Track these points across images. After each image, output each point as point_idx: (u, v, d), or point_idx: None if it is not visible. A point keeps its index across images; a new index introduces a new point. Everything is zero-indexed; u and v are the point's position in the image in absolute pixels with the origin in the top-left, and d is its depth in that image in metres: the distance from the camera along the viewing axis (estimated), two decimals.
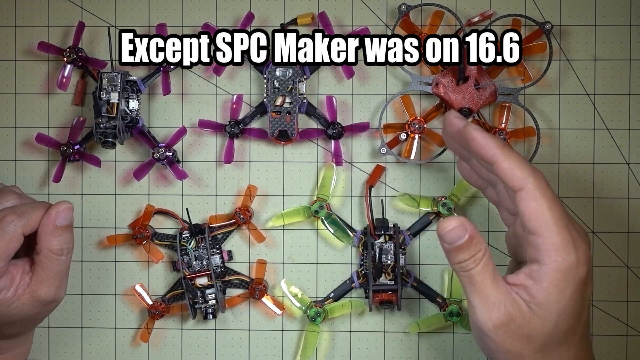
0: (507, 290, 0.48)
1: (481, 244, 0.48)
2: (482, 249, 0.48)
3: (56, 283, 0.54)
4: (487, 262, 0.48)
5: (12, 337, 0.57)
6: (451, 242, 0.48)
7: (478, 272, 0.48)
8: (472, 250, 0.48)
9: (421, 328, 0.62)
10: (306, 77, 0.61)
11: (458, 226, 0.48)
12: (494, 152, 0.48)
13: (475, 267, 0.48)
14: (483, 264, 0.48)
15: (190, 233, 0.62)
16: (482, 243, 0.48)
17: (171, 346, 0.64)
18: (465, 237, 0.48)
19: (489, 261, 0.48)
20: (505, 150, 0.48)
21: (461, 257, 0.48)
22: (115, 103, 0.59)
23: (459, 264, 0.49)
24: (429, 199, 0.62)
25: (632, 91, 0.62)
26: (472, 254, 0.48)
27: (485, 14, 0.62)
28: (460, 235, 0.48)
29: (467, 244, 0.48)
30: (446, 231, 0.48)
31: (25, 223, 0.53)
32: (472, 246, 0.48)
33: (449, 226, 0.48)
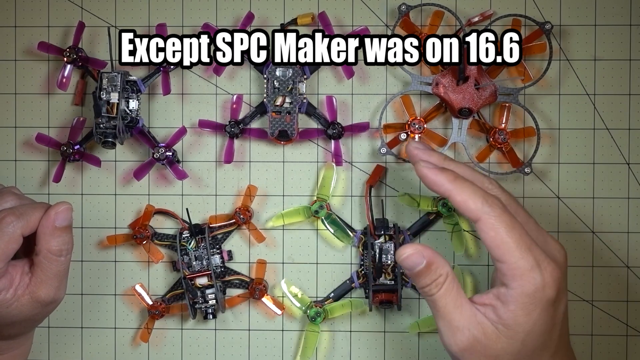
0: (472, 313, 0.49)
1: (442, 269, 0.49)
2: (444, 274, 0.49)
3: (55, 284, 0.54)
4: (449, 286, 0.49)
5: (12, 337, 0.57)
6: (410, 269, 0.49)
7: (440, 296, 0.49)
8: (432, 276, 0.49)
9: (421, 328, 0.62)
10: (306, 77, 0.61)
11: (414, 253, 0.49)
12: (446, 187, 0.49)
13: (437, 292, 0.49)
14: (445, 289, 0.49)
15: (190, 233, 0.62)
16: (443, 267, 0.49)
17: (171, 346, 0.64)
18: (423, 264, 0.49)
19: (452, 285, 0.49)
20: (457, 184, 0.49)
21: (423, 282, 0.49)
22: (115, 103, 0.59)
23: (421, 288, 0.50)
24: (429, 199, 0.62)
25: (632, 91, 0.62)
26: (432, 279, 0.49)
27: (485, 14, 0.62)
28: (417, 262, 0.49)
29: (426, 270, 0.49)
30: (402, 258, 0.49)
31: (25, 224, 0.53)
32: (431, 272, 0.49)
33: (405, 254, 0.49)
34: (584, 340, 0.62)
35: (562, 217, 0.62)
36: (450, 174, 0.50)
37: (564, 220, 0.62)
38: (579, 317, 0.62)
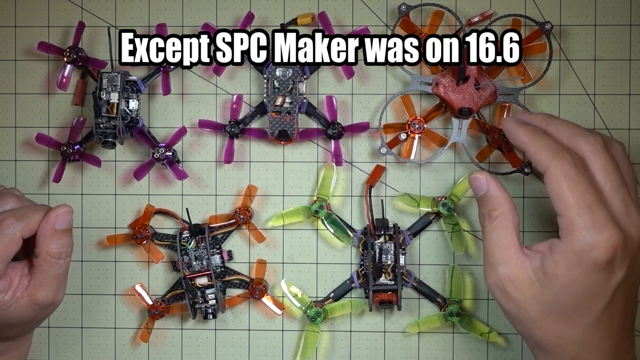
0: (515, 255, 0.50)
1: (500, 205, 0.51)
2: (499, 210, 0.51)
3: (54, 286, 0.54)
4: (501, 223, 0.51)
5: (10, 339, 0.57)
6: (475, 192, 0.53)
7: (489, 229, 0.52)
8: (488, 207, 0.52)
9: (421, 328, 0.62)
10: (306, 77, 0.61)
11: (481, 179, 0.52)
12: (522, 139, 0.51)
13: (488, 224, 0.52)
14: (496, 224, 0.51)
15: (190, 233, 0.62)
16: (502, 204, 0.51)
17: (171, 346, 0.64)
18: (482, 192, 0.52)
19: (504, 224, 0.51)
20: (532, 137, 0.51)
21: (480, 209, 0.53)
22: (115, 103, 0.59)
23: (480, 217, 0.53)
24: (429, 199, 0.62)
25: (632, 91, 0.62)
26: (487, 209, 0.52)
27: (485, 14, 0.62)
28: (480, 187, 0.52)
29: (485, 199, 0.52)
30: (471, 178, 0.53)
31: (24, 226, 0.53)
32: (488, 203, 0.52)
33: (474, 177, 0.53)
34: None
35: None
36: (529, 128, 0.52)
37: None
38: None
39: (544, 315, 0.49)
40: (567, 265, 0.48)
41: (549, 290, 0.49)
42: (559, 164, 0.49)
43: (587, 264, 0.48)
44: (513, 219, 0.51)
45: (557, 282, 0.48)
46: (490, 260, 0.51)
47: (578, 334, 0.49)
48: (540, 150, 0.50)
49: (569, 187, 0.48)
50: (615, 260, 0.48)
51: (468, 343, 0.63)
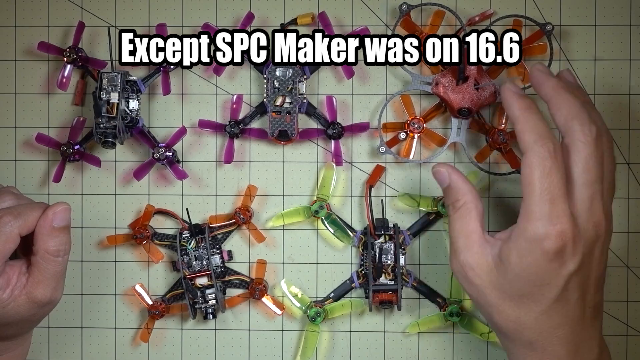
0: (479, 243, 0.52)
1: (462, 196, 0.53)
2: (462, 200, 0.53)
3: (53, 284, 0.54)
4: (464, 213, 0.52)
5: (9, 338, 0.57)
6: (439, 184, 0.54)
7: (453, 218, 0.53)
8: (451, 198, 0.53)
9: (421, 328, 0.62)
10: (306, 77, 0.61)
11: (442, 172, 0.54)
12: (513, 112, 0.51)
13: (453, 213, 0.53)
14: (460, 214, 0.53)
15: (190, 233, 0.62)
16: (464, 195, 0.53)
17: (171, 346, 0.64)
18: (445, 184, 0.54)
19: (467, 213, 0.52)
20: (524, 114, 0.50)
21: (445, 200, 0.54)
22: (115, 103, 0.59)
23: (446, 206, 0.54)
24: (429, 199, 0.62)
25: (632, 91, 0.62)
26: (451, 200, 0.53)
27: (485, 14, 0.62)
28: (443, 180, 0.54)
29: (447, 191, 0.54)
30: (434, 171, 0.54)
31: (22, 224, 0.53)
32: (451, 194, 0.53)
33: (437, 170, 0.54)
34: None
35: None
36: (525, 101, 0.51)
37: None
38: None
39: (501, 300, 0.51)
40: (518, 253, 0.49)
41: (503, 276, 0.50)
42: (538, 150, 0.49)
43: (537, 253, 0.49)
44: (476, 208, 0.52)
45: (511, 268, 0.50)
46: (454, 247, 0.52)
47: (532, 319, 0.51)
48: (526, 130, 0.50)
49: (540, 176, 0.49)
50: (566, 253, 0.49)
51: (468, 343, 0.63)
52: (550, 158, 0.49)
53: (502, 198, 0.63)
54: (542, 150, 0.49)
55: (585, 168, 0.50)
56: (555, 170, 0.49)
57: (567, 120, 0.51)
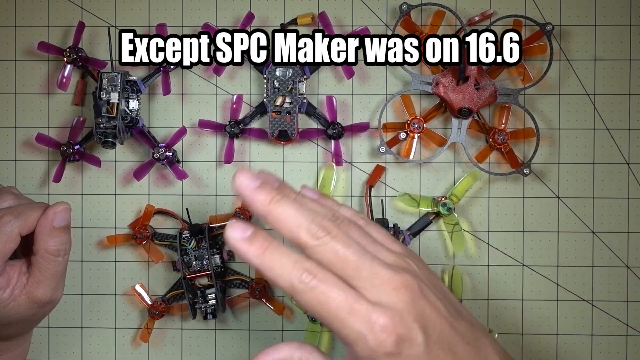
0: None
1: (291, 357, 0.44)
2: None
3: (53, 284, 0.54)
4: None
5: (9, 338, 0.57)
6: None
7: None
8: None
9: None
10: (306, 77, 0.61)
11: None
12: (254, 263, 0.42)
13: None
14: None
15: (190, 233, 0.62)
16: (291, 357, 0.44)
17: (171, 346, 0.64)
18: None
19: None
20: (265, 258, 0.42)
21: None
22: (115, 103, 0.59)
23: None
24: (429, 199, 0.62)
25: (632, 91, 0.62)
26: None
27: (485, 14, 0.62)
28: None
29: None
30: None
31: (23, 223, 0.53)
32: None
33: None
34: (584, 340, 0.62)
35: (562, 217, 0.62)
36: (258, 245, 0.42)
37: (564, 220, 0.62)
38: (579, 317, 0.62)
39: None
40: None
41: None
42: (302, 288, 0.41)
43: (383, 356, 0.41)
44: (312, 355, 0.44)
45: None
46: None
47: None
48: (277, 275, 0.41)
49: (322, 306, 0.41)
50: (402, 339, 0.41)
51: None
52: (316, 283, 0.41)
53: (502, 198, 0.63)
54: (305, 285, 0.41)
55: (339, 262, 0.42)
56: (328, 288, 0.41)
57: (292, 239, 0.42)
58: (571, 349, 0.62)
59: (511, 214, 0.62)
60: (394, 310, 0.41)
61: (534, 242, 0.63)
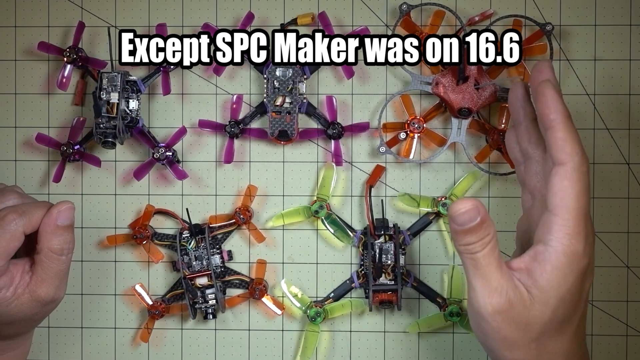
0: (510, 275, 0.48)
1: (490, 228, 0.47)
2: (491, 233, 0.47)
3: (56, 283, 0.54)
4: (493, 246, 0.48)
5: (11, 337, 0.57)
6: (462, 224, 0.47)
7: (484, 255, 0.47)
8: (481, 234, 0.47)
9: (421, 328, 0.62)
10: (306, 77, 0.61)
11: (471, 209, 0.47)
12: (556, 117, 0.47)
13: (482, 251, 0.47)
14: (490, 248, 0.47)
15: (190, 233, 0.62)
16: (491, 227, 0.48)
17: (171, 346, 0.64)
18: (477, 221, 0.47)
19: (496, 245, 0.48)
20: (567, 121, 0.47)
21: (469, 239, 0.47)
22: (115, 103, 0.59)
23: (465, 246, 0.48)
24: (429, 199, 0.62)
25: (632, 91, 0.62)
26: (480, 237, 0.47)
27: (485, 14, 0.62)
28: (473, 218, 0.47)
29: (478, 227, 0.47)
30: (459, 213, 0.47)
31: (27, 222, 0.53)
32: (482, 230, 0.47)
33: (463, 208, 0.47)
34: None
35: None
36: (565, 107, 0.48)
37: None
38: None
39: (543, 335, 0.48)
40: (561, 273, 0.47)
41: (547, 306, 0.47)
42: (580, 164, 0.47)
43: (577, 270, 0.47)
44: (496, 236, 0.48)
45: (554, 294, 0.47)
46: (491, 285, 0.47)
47: (565, 344, 0.49)
48: (569, 139, 0.47)
49: (580, 192, 0.47)
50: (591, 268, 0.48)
51: (468, 343, 0.63)
52: (587, 177, 0.47)
53: (502, 198, 0.63)
54: (583, 164, 0.47)
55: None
56: (588, 185, 0.47)
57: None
58: None
59: (511, 214, 0.62)
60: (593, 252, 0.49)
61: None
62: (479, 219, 0.47)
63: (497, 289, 0.47)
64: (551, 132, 0.48)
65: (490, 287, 0.47)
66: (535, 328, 0.48)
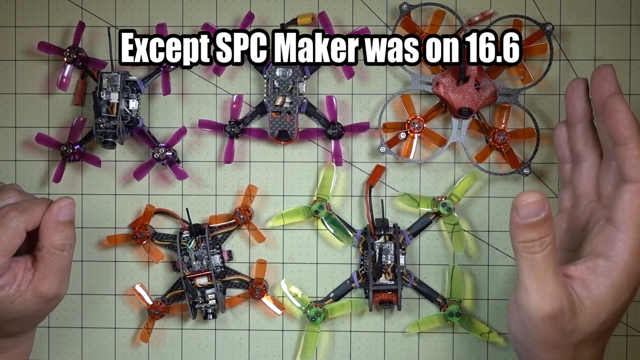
0: (565, 282, 0.46)
1: (552, 228, 0.46)
2: (552, 234, 0.46)
3: (58, 279, 0.54)
4: (553, 248, 0.46)
5: (14, 335, 0.57)
6: (525, 217, 0.45)
7: (543, 257, 0.45)
8: (542, 232, 0.45)
9: (421, 328, 0.62)
10: (306, 77, 0.61)
11: (538, 201, 0.45)
12: (630, 134, 0.46)
13: (542, 252, 0.45)
14: (549, 250, 0.46)
15: (190, 233, 0.62)
16: (552, 227, 0.46)
17: (171, 346, 0.64)
18: (542, 215, 0.45)
19: (555, 248, 0.46)
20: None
21: (529, 235, 0.45)
22: (115, 103, 0.59)
23: (524, 242, 0.46)
24: (429, 199, 0.62)
25: (632, 91, 0.62)
26: (541, 235, 0.45)
27: (485, 14, 0.62)
28: (537, 211, 0.45)
29: (541, 224, 0.45)
30: (524, 204, 0.45)
31: (28, 219, 0.53)
32: (545, 227, 0.45)
33: (529, 199, 0.45)
34: None
35: None
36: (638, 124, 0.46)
37: None
38: None
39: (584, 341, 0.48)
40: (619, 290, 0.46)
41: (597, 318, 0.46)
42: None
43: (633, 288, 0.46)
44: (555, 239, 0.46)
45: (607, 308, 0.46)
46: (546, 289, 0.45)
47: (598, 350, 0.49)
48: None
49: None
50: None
51: (468, 343, 0.63)
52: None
53: (502, 198, 0.63)
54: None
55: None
56: None
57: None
58: None
59: None
60: None
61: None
62: (543, 214, 0.45)
63: (552, 295, 0.46)
64: (625, 149, 0.47)
65: (545, 291, 0.46)
66: (579, 336, 0.47)
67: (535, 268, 0.46)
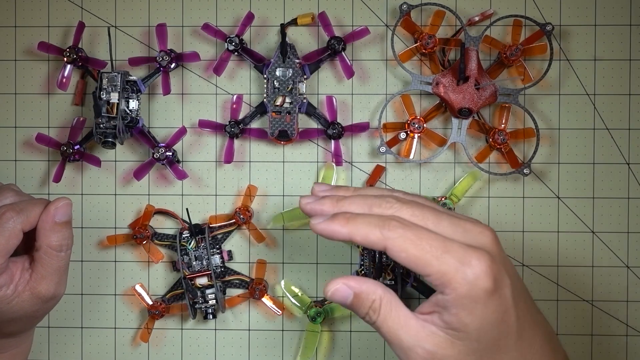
0: (420, 327, 0.46)
1: (374, 293, 0.46)
2: (377, 298, 0.46)
3: (56, 279, 0.54)
4: (387, 308, 0.46)
5: (12, 335, 0.57)
6: (342, 303, 0.47)
7: (381, 321, 0.46)
8: (365, 305, 0.46)
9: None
10: (306, 77, 0.62)
11: (340, 288, 0.46)
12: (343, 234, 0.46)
13: (377, 318, 0.46)
14: (384, 312, 0.46)
15: (190, 233, 0.62)
16: (373, 292, 0.46)
17: (171, 346, 0.64)
18: (351, 296, 0.46)
19: (389, 306, 0.46)
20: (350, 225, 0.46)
21: (359, 312, 0.47)
22: (115, 103, 0.59)
23: (362, 318, 0.47)
24: (429, 199, 0.62)
25: (632, 91, 0.62)
26: (367, 307, 0.46)
27: (485, 14, 0.62)
28: (346, 295, 0.46)
29: (357, 301, 0.46)
30: (329, 295, 0.46)
31: (25, 219, 0.53)
32: (363, 301, 0.46)
33: (330, 290, 0.46)
34: (584, 340, 0.62)
35: (562, 217, 0.62)
36: (341, 218, 0.46)
37: (564, 220, 0.62)
38: (579, 317, 0.62)
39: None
40: (467, 312, 0.44)
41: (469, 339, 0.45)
42: (391, 234, 0.45)
43: (481, 298, 0.44)
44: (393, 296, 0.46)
45: (470, 328, 0.45)
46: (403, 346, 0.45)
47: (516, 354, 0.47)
48: (366, 234, 0.45)
49: (416, 248, 0.44)
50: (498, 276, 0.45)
51: None
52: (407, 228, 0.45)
53: (502, 198, 0.63)
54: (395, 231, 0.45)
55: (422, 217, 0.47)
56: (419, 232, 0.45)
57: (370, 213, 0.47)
58: (571, 349, 0.62)
59: (511, 214, 0.62)
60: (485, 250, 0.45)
61: (534, 242, 0.63)
62: (351, 294, 0.46)
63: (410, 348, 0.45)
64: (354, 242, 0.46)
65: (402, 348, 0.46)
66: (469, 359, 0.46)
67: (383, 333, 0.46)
